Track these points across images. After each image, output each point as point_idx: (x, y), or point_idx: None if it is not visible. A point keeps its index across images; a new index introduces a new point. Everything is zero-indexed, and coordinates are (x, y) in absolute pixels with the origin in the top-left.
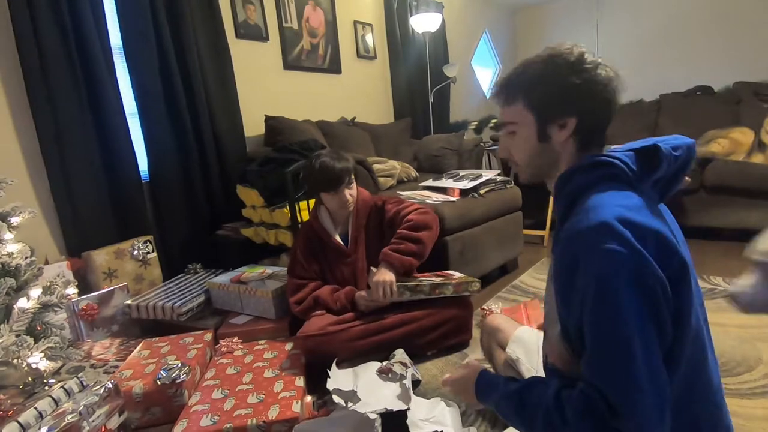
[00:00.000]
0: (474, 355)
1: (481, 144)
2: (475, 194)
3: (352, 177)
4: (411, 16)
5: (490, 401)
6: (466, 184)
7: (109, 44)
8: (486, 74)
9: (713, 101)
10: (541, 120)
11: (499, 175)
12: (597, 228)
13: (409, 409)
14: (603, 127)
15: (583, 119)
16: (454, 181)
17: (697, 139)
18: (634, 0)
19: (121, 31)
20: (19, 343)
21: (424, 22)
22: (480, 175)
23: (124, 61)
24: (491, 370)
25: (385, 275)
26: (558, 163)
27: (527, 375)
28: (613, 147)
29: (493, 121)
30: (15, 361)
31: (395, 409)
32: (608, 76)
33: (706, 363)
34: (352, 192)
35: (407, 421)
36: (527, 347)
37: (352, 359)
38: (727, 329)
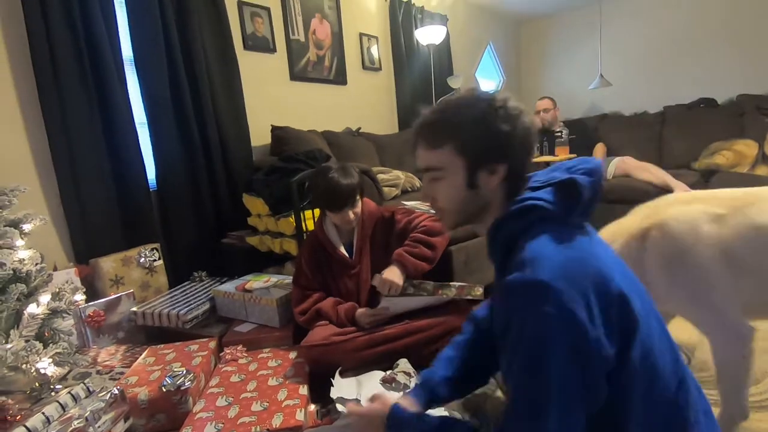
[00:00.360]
0: None
1: None
2: None
3: (357, 197)
4: (416, 28)
5: None
6: None
7: (121, 55)
8: (490, 86)
9: (717, 113)
10: (471, 166)
11: None
12: (534, 287)
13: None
14: (527, 172)
15: (513, 166)
16: None
17: (702, 151)
18: (638, 12)
19: (132, 42)
20: (29, 349)
21: (428, 35)
22: None
23: (135, 71)
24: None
25: (394, 275)
26: (487, 209)
27: None
28: (533, 180)
29: None
30: (24, 366)
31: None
32: (530, 123)
33: (657, 370)
34: (356, 210)
35: None
36: None
37: (356, 369)
38: None
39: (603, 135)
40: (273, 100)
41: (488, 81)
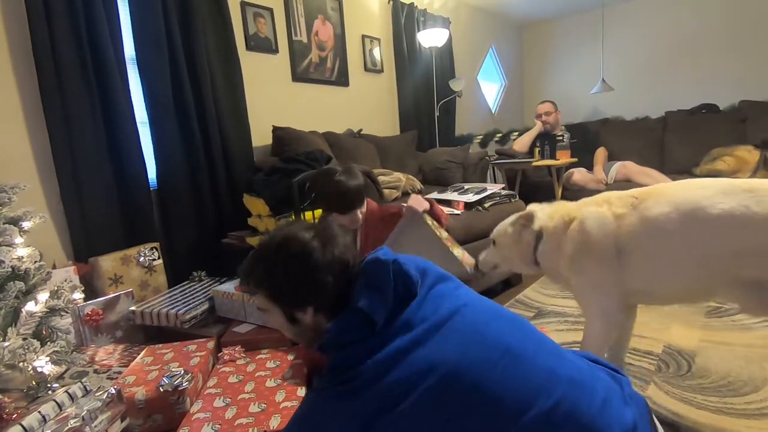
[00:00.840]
0: None
1: (486, 158)
2: (480, 207)
3: (363, 196)
4: (418, 31)
5: None
6: (471, 198)
7: (123, 54)
8: (492, 89)
9: (719, 119)
10: (285, 310)
11: (503, 188)
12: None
13: None
14: (342, 294)
15: (320, 303)
16: (459, 194)
17: (703, 156)
18: (641, 17)
19: (134, 41)
20: (26, 347)
21: (431, 37)
22: (485, 189)
23: (137, 70)
24: None
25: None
26: (320, 332)
27: None
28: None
29: (498, 135)
30: (21, 364)
31: None
32: (326, 258)
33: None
34: (363, 210)
35: None
36: None
37: None
38: (733, 349)
39: (604, 139)
40: (275, 100)
41: (490, 84)
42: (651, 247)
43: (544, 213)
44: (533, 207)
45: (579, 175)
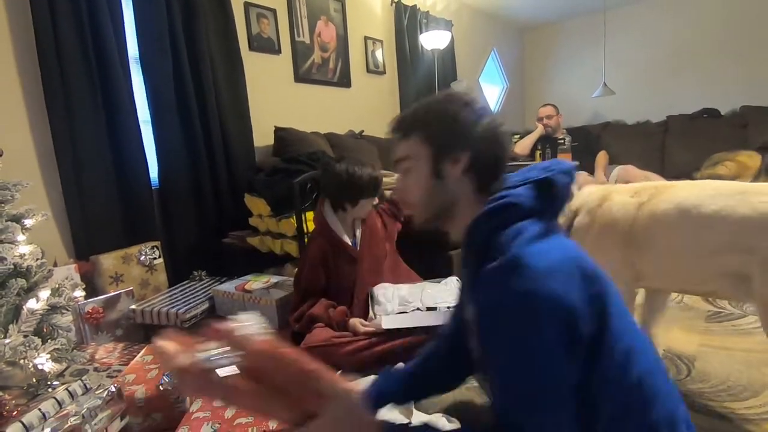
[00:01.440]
0: None
1: None
2: None
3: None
4: (420, 33)
5: None
6: None
7: (127, 53)
8: (493, 92)
9: (720, 124)
10: (435, 155)
11: None
12: (514, 268)
13: (410, 423)
14: (499, 167)
15: (477, 156)
16: None
17: (704, 161)
18: (643, 21)
19: (138, 41)
20: (27, 344)
21: (433, 39)
22: None
23: (140, 69)
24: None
25: None
26: (455, 205)
27: None
28: (511, 179)
29: None
30: (22, 361)
31: (396, 423)
32: (499, 122)
33: (635, 364)
34: (374, 201)
35: None
36: None
37: (356, 371)
38: (732, 353)
39: (605, 143)
40: (277, 101)
41: (492, 87)
42: (656, 238)
43: (585, 191)
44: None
45: (580, 178)
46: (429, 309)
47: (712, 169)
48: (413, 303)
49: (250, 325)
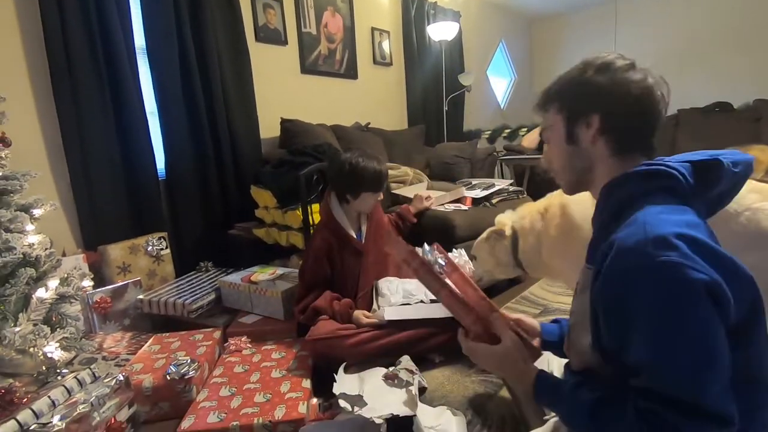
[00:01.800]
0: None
1: (494, 153)
2: (488, 203)
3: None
4: (428, 24)
5: (547, 402)
6: (479, 193)
7: (133, 44)
8: (501, 84)
9: (732, 118)
10: (568, 120)
11: (511, 184)
12: (653, 242)
13: (415, 416)
14: (638, 130)
15: (609, 118)
16: (467, 189)
17: None
18: (654, 13)
19: (144, 32)
20: (36, 332)
21: (441, 31)
22: (492, 185)
23: (147, 60)
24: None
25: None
26: (593, 168)
27: None
28: (665, 159)
29: (507, 130)
30: (31, 349)
31: (401, 415)
32: (642, 78)
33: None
34: (380, 197)
35: (413, 429)
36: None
37: (360, 363)
38: None
39: None
40: (283, 92)
41: (500, 79)
42: None
43: (514, 217)
44: (500, 218)
45: None
46: (433, 302)
47: None
48: (417, 296)
49: (460, 257)
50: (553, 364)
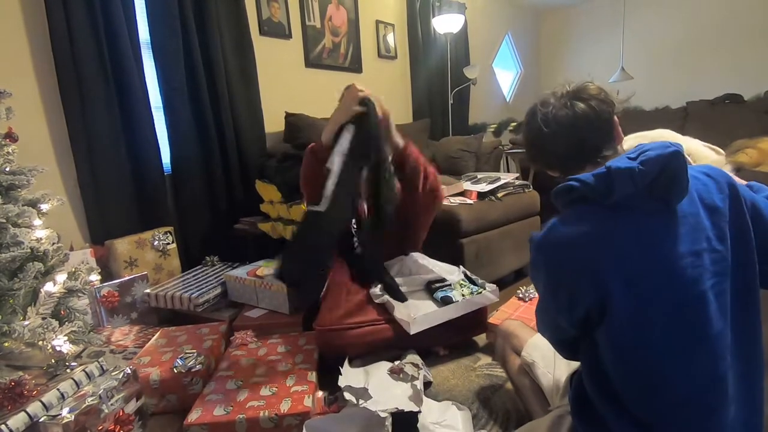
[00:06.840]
0: (486, 358)
1: (500, 147)
2: (493, 197)
3: None
4: (433, 16)
5: None
6: (484, 187)
7: (138, 39)
8: (507, 77)
9: (743, 110)
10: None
11: (517, 178)
12: (530, 242)
13: (420, 411)
14: (561, 158)
15: (544, 163)
16: (472, 183)
17: (725, 148)
18: (664, 4)
19: (149, 26)
20: (45, 326)
21: (446, 23)
22: (498, 179)
23: (152, 55)
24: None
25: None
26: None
27: (543, 379)
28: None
29: (513, 124)
30: (40, 343)
31: (406, 410)
32: (535, 126)
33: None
34: None
35: (418, 425)
36: (543, 352)
37: (365, 356)
38: None
39: (623, 129)
40: (287, 86)
41: (506, 72)
42: None
43: None
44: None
45: None
46: (431, 283)
47: (732, 157)
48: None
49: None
50: (558, 365)
